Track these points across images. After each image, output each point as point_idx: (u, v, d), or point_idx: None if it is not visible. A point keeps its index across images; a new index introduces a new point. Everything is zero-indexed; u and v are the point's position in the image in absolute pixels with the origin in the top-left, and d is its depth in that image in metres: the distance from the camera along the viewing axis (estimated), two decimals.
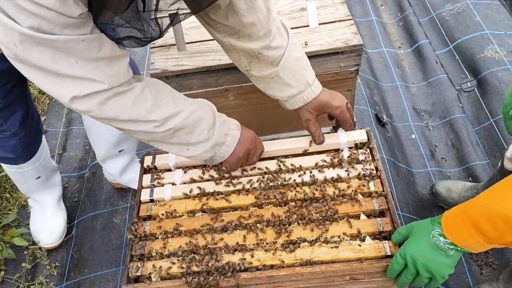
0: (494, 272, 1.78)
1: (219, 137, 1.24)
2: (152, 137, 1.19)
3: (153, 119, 1.13)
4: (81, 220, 2.10)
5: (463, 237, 1.01)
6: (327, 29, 1.70)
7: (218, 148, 1.25)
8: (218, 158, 1.28)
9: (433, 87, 2.51)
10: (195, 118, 1.19)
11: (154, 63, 1.66)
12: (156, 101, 1.14)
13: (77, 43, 0.97)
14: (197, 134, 1.20)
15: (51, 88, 1.03)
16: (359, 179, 1.33)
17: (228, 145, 1.26)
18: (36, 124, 1.73)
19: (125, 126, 1.14)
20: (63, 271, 1.94)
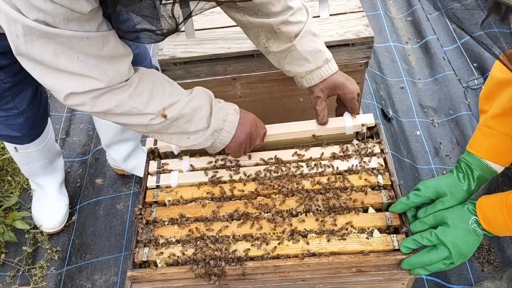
0: (496, 269, 1.78)
1: (217, 124, 1.23)
2: (150, 129, 1.18)
3: (149, 112, 1.12)
4: (83, 206, 2.09)
5: (500, 229, 1.08)
6: (338, 20, 1.68)
7: (217, 135, 1.24)
8: (218, 144, 1.27)
9: (439, 83, 2.50)
10: (193, 107, 1.18)
11: (162, 49, 1.64)
12: (152, 93, 1.13)
13: (81, 39, 0.96)
14: (195, 122, 1.19)
15: (49, 82, 1.03)
16: (367, 172, 1.33)
17: (227, 131, 1.25)
18: (44, 105, 1.72)
19: (120, 119, 1.13)
20: (64, 256, 1.94)
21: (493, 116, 1.12)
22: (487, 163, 1.17)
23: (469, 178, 1.18)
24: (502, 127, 1.11)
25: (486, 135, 1.15)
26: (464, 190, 1.18)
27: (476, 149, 1.17)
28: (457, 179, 1.19)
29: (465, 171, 1.19)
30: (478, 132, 1.18)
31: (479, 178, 1.18)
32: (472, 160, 1.18)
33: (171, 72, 1.65)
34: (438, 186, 1.18)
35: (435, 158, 2.18)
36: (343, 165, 1.35)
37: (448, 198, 1.16)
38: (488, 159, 1.16)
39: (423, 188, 1.19)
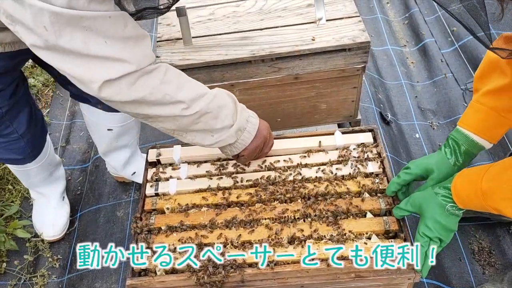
0: (497, 272, 1.78)
1: (241, 122, 1.24)
2: (179, 124, 1.17)
3: (180, 99, 1.12)
4: (83, 213, 2.09)
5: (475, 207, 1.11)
6: (334, 25, 1.69)
7: (240, 134, 1.25)
8: (239, 145, 1.27)
9: (438, 86, 2.50)
10: (219, 103, 1.19)
11: (160, 57, 1.65)
12: (180, 81, 1.13)
13: (104, 19, 0.96)
14: (221, 119, 1.20)
15: (83, 72, 1.02)
16: (365, 177, 1.33)
17: (249, 131, 1.27)
18: (41, 123, 1.72)
19: (154, 110, 1.12)
20: (65, 264, 1.94)
21: (484, 93, 1.16)
22: (474, 138, 1.21)
23: (456, 153, 1.23)
24: (492, 103, 1.15)
25: (476, 110, 1.19)
26: (451, 165, 1.23)
27: (466, 123, 1.22)
28: (444, 155, 1.23)
29: (452, 147, 1.23)
30: (469, 108, 1.22)
31: (465, 153, 1.23)
32: (459, 136, 1.22)
33: None
34: (427, 164, 1.24)
35: None
36: (341, 171, 1.35)
37: (436, 175, 1.22)
38: (476, 134, 1.20)
39: (412, 166, 1.25)
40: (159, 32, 1.76)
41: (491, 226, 1.91)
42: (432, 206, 1.16)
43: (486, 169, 1.08)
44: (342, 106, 1.84)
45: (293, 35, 1.66)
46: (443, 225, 1.15)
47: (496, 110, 1.15)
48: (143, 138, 2.34)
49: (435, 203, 1.15)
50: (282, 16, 1.75)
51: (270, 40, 1.65)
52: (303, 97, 1.79)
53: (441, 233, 1.15)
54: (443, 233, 1.16)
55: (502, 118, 1.16)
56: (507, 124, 1.17)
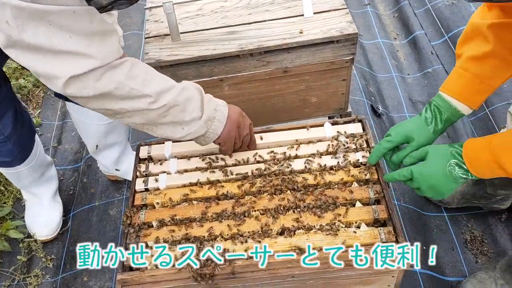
0: (490, 260, 1.79)
1: (210, 112, 1.24)
2: (147, 117, 1.16)
3: (147, 93, 1.11)
4: (76, 213, 2.09)
5: (484, 172, 1.12)
6: (321, 18, 1.69)
7: (210, 124, 1.25)
8: (211, 134, 1.28)
9: (428, 78, 2.51)
10: (186, 95, 1.19)
11: (148, 53, 1.65)
12: (147, 75, 1.13)
13: (69, 15, 0.95)
14: (189, 111, 1.20)
15: (48, 68, 1.00)
16: (355, 167, 1.33)
17: (219, 120, 1.27)
18: (28, 124, 1.70)
19: (120, 105, 1.11)
20: (58, 264, 1.94)
21: (467, 58, 1.17)
22: (456, 106, 1.22)
23: (436, 120, 1.24)
24: (474, 69, 1.16)
25: (460, 76, 1.20)
26: (430, 132, 1.24)
27: (449, 89, 1.22)
28: (424, 122, 1.25)
29: (433, 113, 1.24)
30: (453, 74, 1.23)
31: (446, 120, 1.24)
32: (442, 103, 1.23)
33: None
34: (407, 131, 1.26)
35: None
36: (330, 162, 1.36)
37: (415, 142, 1.24)
38: (459, 100, 1.21)
39: (393, 134, 1.28)
40: (147, 29, 1.75)
41: (483, 215, 1.92)
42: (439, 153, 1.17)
43: None
44: (332, 99, 1.85)
45: (281, 28, 1.66)
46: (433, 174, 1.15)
47: (479, 77, 1.17)
48: (135, 136, 2.34)
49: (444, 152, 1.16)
50: (269, 10, 1.75)
51: (258, 34, 1.65)
52: (293, 91, 1.79)
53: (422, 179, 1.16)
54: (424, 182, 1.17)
55: (484, 85, 1.17)
56: (489, 90, 1.19)
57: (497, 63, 1.14)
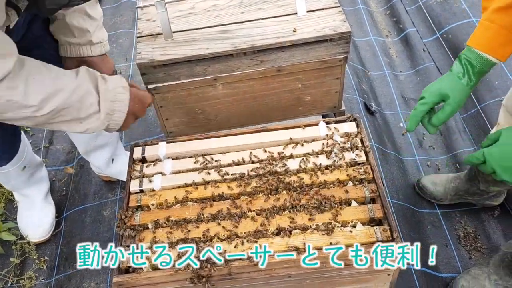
0: (483, 256, 1.81)
1: (108, 105, 1.19)
2: (36, 122, 1.13)
3: (28, 103, 1.07)
4: (69, 214, 2.07)
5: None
6: (315, 16, 1.69)
7: (110, 117, 1.21)
8: (113, 126, 1.24)
9: (421, 75, 2.52)
10: (78, 95, 1.14)
11: (140, 53, 1.64)
12: (28, 84, 1.06)
13: None
14: (85, 108, 1.16)
15: None
16: (350, 166, 1.34)
17: (120, 111, 1.22)
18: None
19: (3, 116, 1.08)
20: (52, 265, 1.92)
21: (494, 10, 1.15)
22: (487, 56, 1.19)
23: (469, 73, 1.21)
24: (501, 20, 1.14)
25: (486, 28, 1.17)
26: (465, 86, 1.21)
27: (477, 43, 1.20)
28: (456, 77, 1.22)
29: (465, 67, 1.21)
30: (479, 27, 1.20)
31: (479, 72, 1.21)
32: (472, 55, 1.20)
33: (150, 75, 1.64)
34: (440, 89, 1.22)
35: (419, 149, 2.20)
36: (325, 161, 1.36)
37: (451, 100, 1.21)
38: (487, 53, 1.19)
39: (427, 95, 1.24)
40: (139, 28, 1.74)
41: (476, 212, 1.93)
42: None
43: None
44: (325, 97, 1.85)
45: (274, 27, 1.66)
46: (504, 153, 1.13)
47: (506, 28, 1.14)
48: (128, 136, 2.33)
49: None
50: (262, 8, 1.75)
51: (252, 33, 1.65)
52: (287, 90, 1.79)
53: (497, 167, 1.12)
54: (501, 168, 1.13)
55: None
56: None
57: None
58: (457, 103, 1.21)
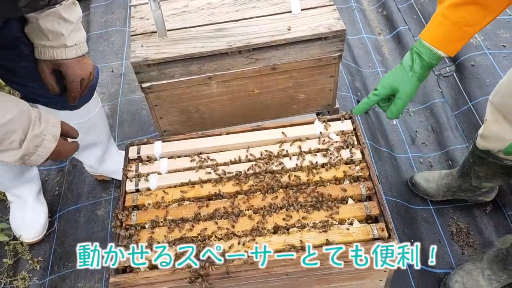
0: (476, 252, 1.83)
1: (29, 149, 1.19)
2: None
3: None
4: (63, 214, 2.06)
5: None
6: (309, 14, 1.69)
7: (27, 157, 1.21)
8: (28, 163, 1.24)
9: None
10: (7, 129, 1.12)
11: (134, 51, 1.63)
12: None
13: None
14: (6, 144, 1.14)
15: None
16: (346, 164, 1.34)
17: (39, 155, 1.22)
18: None
19: None
20: (46, 265, 1.91)
21: (448, 6, 1.17)
22: (436, 50, 1.23)
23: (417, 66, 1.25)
24: (454, 16, 1.17)
25: (439, 23, 1.20)
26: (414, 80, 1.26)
27: (429, 37, 1.23)
28: (406, 70, 1.26)
29: (414, 60, 1.25)
30: (433, 21, 1.23)
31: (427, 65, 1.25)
32: (423, 49, 1.24)
33: (145, 74, 1.63)
34: (391, 83, 1.27)
35: (411, 146, 2.22)
36: (321, 159, 1.36)
37: (401, 93, 1.26)
38: (437, 47, 1.22)
39: (379, 88, 1.29)
40: (133, 26, 1.73)
41: (468, 208, 1.95)
42: None
43: None
44: (320, 95, 1.85)
45: (269, 25, 1.66)
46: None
47: (457, 24, 1.18)
48: (121, 135, 2.31)
49: None
50: (257, 6, 1.75)
51: (246, 31, 1.64)
52: (281, 88, 1.79)
53: None
54: None
55: (463, 32, 1.18)
56: (467, 37, 1.20)
57: (477, 9, 1.15)
58: (407, 96, 1.27)
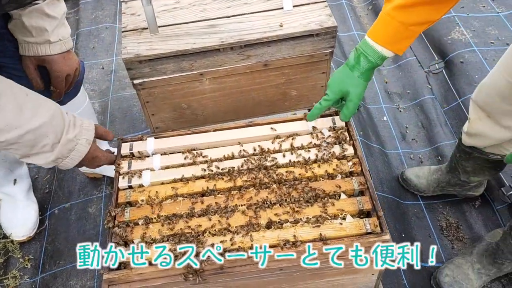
0: (465, 246, 1.86)
1: (63, 152, 1.21)
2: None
3: None
4: (54, 211, 2.04)
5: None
6: (301, 11, 1.70)
7: (61, 161, 1.22)
8: (61, 166, 1.26)
9: (403, 69, 2.56)
10: (38, 134, 1.13)
11: (126, 47, 1.62)
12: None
13: None
14: (38, 147, 1.16)
15: None
16: (338, 159, 1.35)
17: (73, 158, 1.24)
18: None
19: None
20: (37, 264, 1.89)
21: (395, 7, 1.19)
22: (384, 52, 1.25)
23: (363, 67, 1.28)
24: (401, 17, 1.19)
25: (387, 24, 1.22)
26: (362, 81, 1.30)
27: (376, 36, 1.25)
28: (353, 72, 1.30)
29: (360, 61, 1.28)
30: (380, 21, 1.25)
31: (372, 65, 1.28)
32: (369, 50, 1.26)
33: (137, 71, 1.63)
34: (340, 87, 1.32)
35: (402, 142, 2.24)
36: (314, 155, 1.37)
37: (352, 96, 1.31)
38: (385, 47, 1.24)
39: (330, 93, 1.34)
40: (124, 22, 1.72)
41: (458, 203, 1.98)
42: None
43: None
44: (311, 92, 1.86)
45: (260, 21, 1.66)
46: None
47: (404, 24, 1.20)
48: (112, 132, 2.29)
49: None
50: (248, 3, 1.75)
51: (238, 28, 1.64)
52: (273, 84, 1.80)
53: None
54: None
55: (410, 31, 1.21)
56: (413, 36, 1.23)
57: (425, 10, 1.17)
58: (357, 98, 1.31)
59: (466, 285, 1.67)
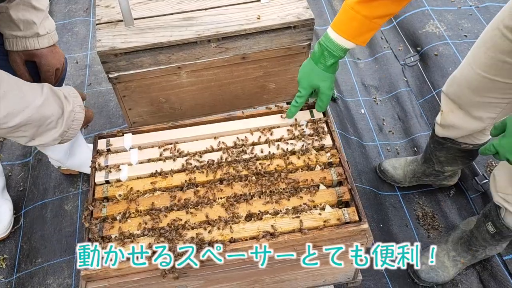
0: (441, 234, 1.90)
1: (68, 125, 1.25)
2: None
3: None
4: (29, 210, 2.00)
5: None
6: (278, 3, 1.69)
7: (65, 134, 1.26)
8: (65, 141, 1.30)
9: (379, 62, 2.59)
10: (43, 113, 1.17)
11: (100, 40, 1.58)
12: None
13: None
14: (44, 126, 1.20)
15: None
16: (316, 151, 1.36)
17: (75, 128, 1.29)
18: None
19: None
20: (12, 263, 1.85)
21: (358, 1, 1.23)
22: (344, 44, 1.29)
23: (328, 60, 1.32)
24: (365, 11, 1.23)
25: (351, 18, 1.25)
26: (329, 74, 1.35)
27: (340, 29, 1.28)
28: (319, 66, 1.34)
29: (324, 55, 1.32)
30: (344, 14, 1.28)
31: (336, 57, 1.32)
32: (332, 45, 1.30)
33: (112, 64, 1.60)
34: (310, 82, 1.37)
35: (379, 134, 2.27)
36: (293, 146, 1.38)
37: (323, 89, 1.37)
38: (349, 39, 1.28)
39: (301, 90, 1.39)
40: (98, 14, 1.68)
41: (433, 192, 2.03)
42: None
43: None
44: (290, 84, 1.86)
45: (238, 14, 1.65)
46: None
47: (368, 18, 1.23)
48: (88, 128, 2.26)
49: None
50: None
51: (215, 20, 1.63)
52: (251, 77, 1.79)
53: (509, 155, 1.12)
54: None
55: (373, 24, 1.25)
56: (377, 28, 1.27)
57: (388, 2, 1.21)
58: (328, 90, 1.37)
59: (442, 272, 1.71)
